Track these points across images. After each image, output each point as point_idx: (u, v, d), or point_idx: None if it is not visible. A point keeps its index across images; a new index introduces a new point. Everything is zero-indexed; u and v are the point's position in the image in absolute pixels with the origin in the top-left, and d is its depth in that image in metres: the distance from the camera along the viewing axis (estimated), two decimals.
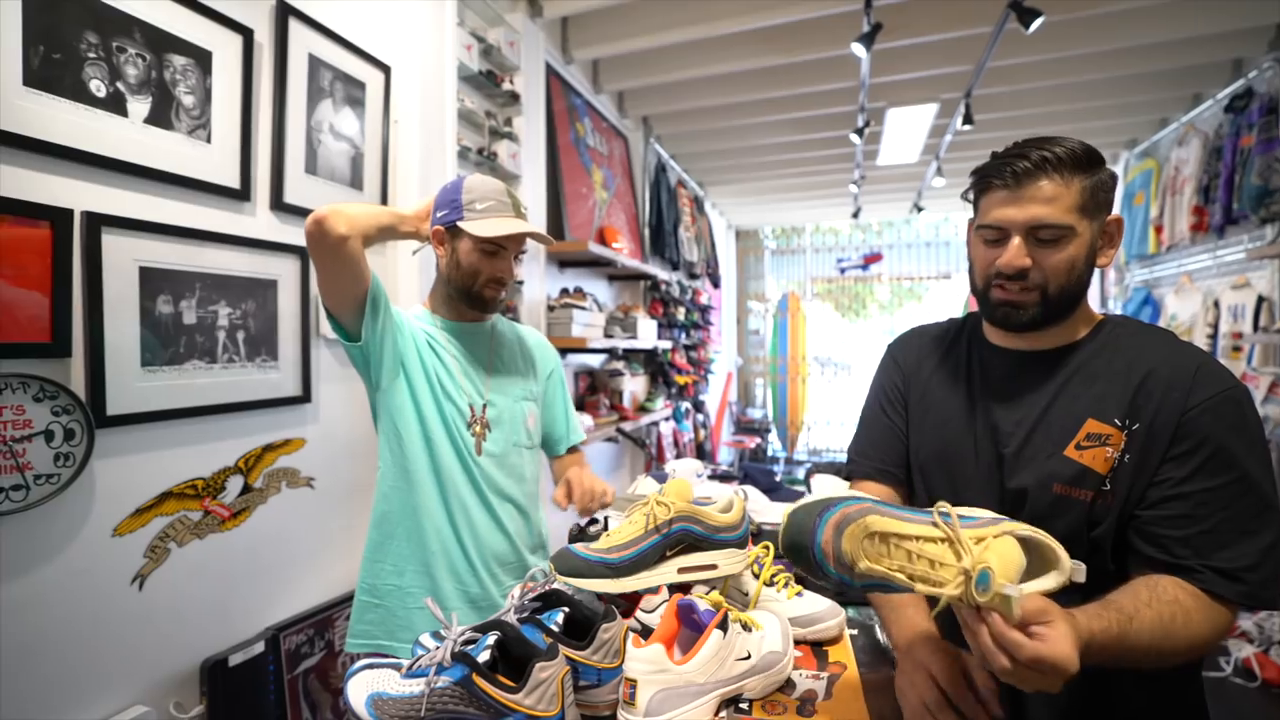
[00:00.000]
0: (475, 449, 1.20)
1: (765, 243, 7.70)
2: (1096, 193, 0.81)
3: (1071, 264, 0.82)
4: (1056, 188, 0.79)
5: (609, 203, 3.55)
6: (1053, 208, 0.79)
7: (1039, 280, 0.82)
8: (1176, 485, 0.77)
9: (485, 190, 1.17)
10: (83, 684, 1.20)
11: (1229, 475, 0.75)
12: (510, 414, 1.26)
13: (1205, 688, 0.88)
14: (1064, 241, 0.81)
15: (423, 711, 0.65)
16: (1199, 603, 0.73)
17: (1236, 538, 0.74)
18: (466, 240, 1.17)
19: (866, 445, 1.07)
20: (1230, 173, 3.22)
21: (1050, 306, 0.84)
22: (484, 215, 1.14)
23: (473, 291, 1.20)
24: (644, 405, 3.80)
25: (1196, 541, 0.75)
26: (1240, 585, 0.73)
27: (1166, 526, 0.76)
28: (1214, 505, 0.75)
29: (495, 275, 1.20)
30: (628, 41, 2.95)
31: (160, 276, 1.32)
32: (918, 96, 3.57)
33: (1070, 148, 0.80)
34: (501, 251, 1.18)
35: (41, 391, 1.11)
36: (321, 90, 1.71)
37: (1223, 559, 0.73)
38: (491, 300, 1.22)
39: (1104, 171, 0.83)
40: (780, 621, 0.87)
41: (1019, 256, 0.82)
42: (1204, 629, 0.72)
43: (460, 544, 1.20)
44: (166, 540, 1.35)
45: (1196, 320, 3.63)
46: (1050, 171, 0.79)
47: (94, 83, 1.20)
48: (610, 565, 0.86)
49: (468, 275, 1.19)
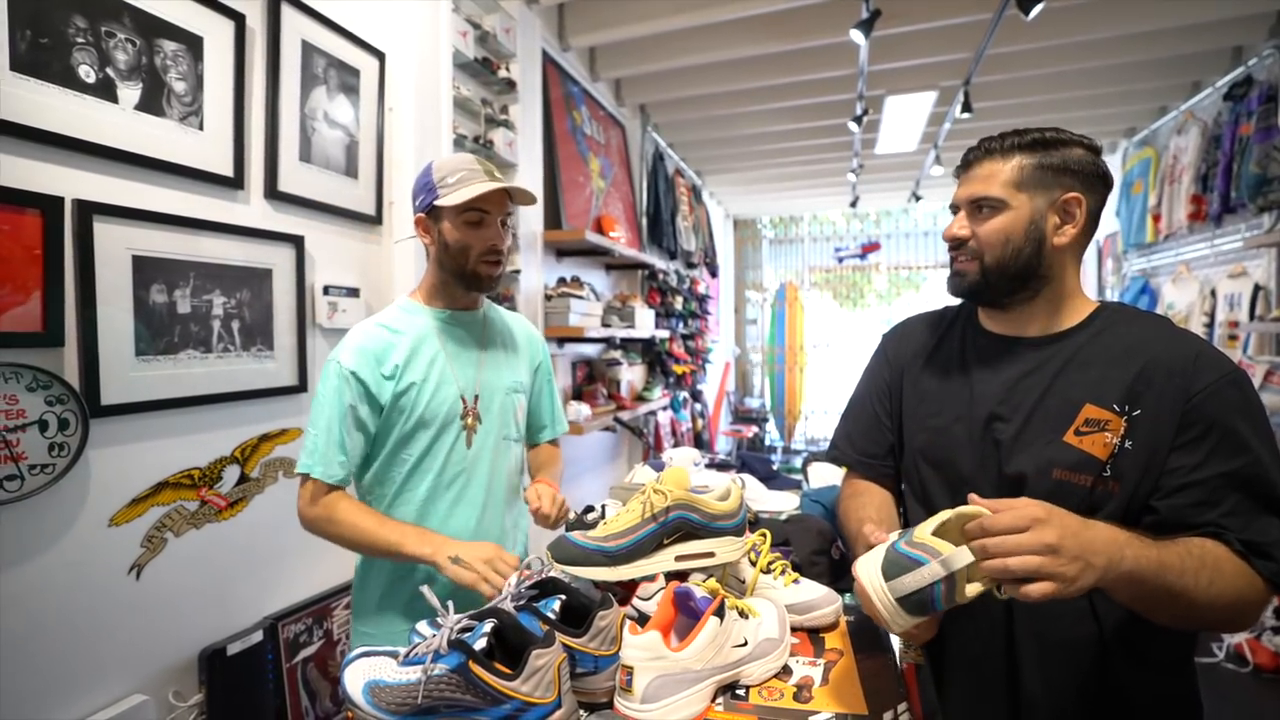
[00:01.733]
0: (466, 441, 1.18)
1: (763, 232, 7.67)
2: (1042, 171, 0.85)
3: (1004, 235, 0.87)
4: (993, 165, 0.88)
5: (606, 191, 3.53)
6: (987, 183, 0.88)
7: (976, 250, 0.90)
8: (1190, 473, 0.77)
9: (454, 164, 1.12)
10: (81, 674, 1.21)
11: (1242, 458, 0.75)
12: (500, 406, 1.23)
13: (1198, 673, 0.88)
14: (995, 213, 0.88)
15: (420, 699, 0.65)
16: (1235, 564, 0.73)
17: (1257, 516, 0.74)
18: (448, 217, 1.12)
19: (853, 434, 1.10)
20: (1229, 161, 3.21)
21: (989, 275, 0.89)
22: (457, 187, 1.09)
23: (468, 270, 1.14)
24: (641, 394, 3.80)
25: (1219, 524, 0.75)
26: (1272, 563, 0.73)
27: (1188, 514, 0.77)
28: (1230, 488, 0.75)
29: (486, 246, 1.14)
30: (625, 28, 2.92)
31: (153, 265, 1.31)
32: (916, 84, 3.55)
33: (1021, 133, 0.87)
34: (485, 218, 1.13)
35: (35, 381, 1.11)
36: (315, 77, 1.69)
37: (1250, 535, 0.74)
38: (489, 277, 1.16)
39: (1062, 152, 0.86)
40: (777, 609, 0.87)
41: (955, 227, 0.92)
42: (1237, 588, 0.72)
43: (443, 530, 1.15)
44: (163, 530, 1.34)
45: (1193, 309, 3.64)
46: (993, 154, 0.89)
47: (83, 68, 1.18)
48: (607, 553, 0.86)
49: (458, 253, 1.13)
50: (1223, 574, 0.72)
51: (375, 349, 1.11)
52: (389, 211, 1.96)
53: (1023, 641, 0.86)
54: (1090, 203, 0.86)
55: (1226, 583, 0.72)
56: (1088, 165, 0.86)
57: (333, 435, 1.07)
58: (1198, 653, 0.92)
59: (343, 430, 1.08)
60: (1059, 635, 0.84)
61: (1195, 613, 0.72)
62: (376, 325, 1.15)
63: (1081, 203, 0.86)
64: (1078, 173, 0.85)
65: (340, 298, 1.76)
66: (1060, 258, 0.88)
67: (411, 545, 1.04)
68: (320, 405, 1.09)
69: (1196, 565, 0.71)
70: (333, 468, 1.07)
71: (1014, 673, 0.87)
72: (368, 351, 1.10)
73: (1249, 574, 0.73)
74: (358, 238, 1.87)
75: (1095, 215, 0.88)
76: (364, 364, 1.09)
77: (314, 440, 1.08)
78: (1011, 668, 0.87)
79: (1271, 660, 2.41)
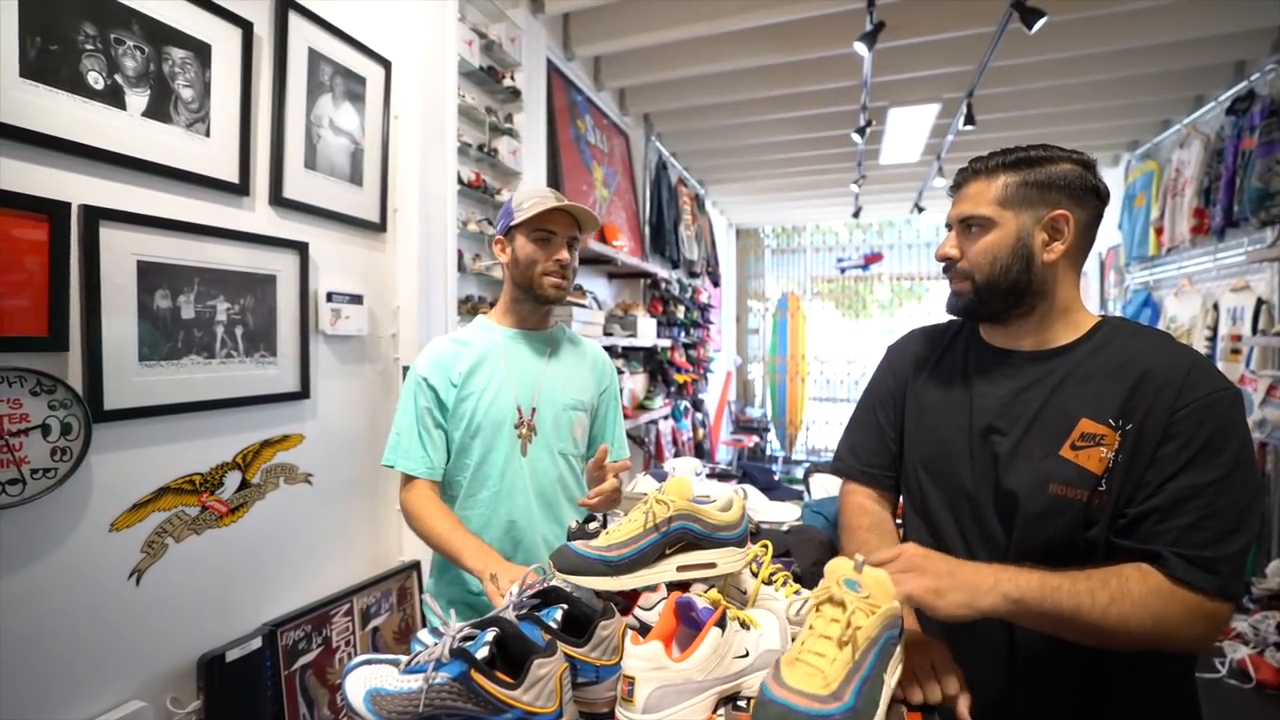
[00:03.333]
0: (521, 449, 1.25)
1: (765, 242, 7.69)
2: (1028, 188, 0.86)
3: (991, 254, 0.88)
4: (981, 185, 0.89)
5: (609, 200, 3.55)
6: (975, 202, 0.89)
7: (966, 270, 0.90)
8: (1163, 482, 0.77)
9: (531, 191, 1.26)
10: (79, 678, 1.20)
11: (1213, 474, 0.75)
12: (555, 419, 1.29)
13: (1200, 689, 0.88)
14: (982, 231, 0.88)
15: (421, 707, 0.64)
16: (1151, 587, 0.74)
17: (1214, 533, 0.75)
18: (521, 234, 1.25)
19: (856, 445, 1.09)
20: (1231, 175, 3.22)
21: (982, 293, 0.90)
22: (530, 209, 1.23)
23: (534, 284, 1.25)
24: (643, 403, 3.80)
25: (1175, 533, 0.75)
26: (1214, 577, 0.74)
27: (1149, 521, 0.77)
28: (1196, 501, 0.75)
29: (552, 261, 1.24)
30: (629, 38, 2.94)
31: (158, 271, 1.31)
32: (920, 96, 3.56)
33: (1008, 152, 0.88)
34: (553, 238, 1.25)
35: (39, 385, 1.11)
36: (321, 85, 1.70)
37: (1199, 551, 0.74)
38: (554, 287, 1.26)
39: (1048, 169, 0.86)
40: (779, 620, 0.86)
41: (946, 247, 0.93)
42: (1151, 609, 0.73)
43: (507, 539, 1.24)
44: (164, 536, 1.34)
45: (1196, 323, 3.63)
46: (980, 174, 0.90)
47: (91, 75, 1.19)
48: (609, 563, 0.85)
49: (527, 267, 1.25)
50: (1128, 596, 0.73)
51: (445, 359, 1.25)
52: (393, 219, 1.97)
53: (1021, 646, 0.86)
54: (1081, 217, 0.86)
55: (1132, 605, 0.73)
56: (1075, 180, 0.85)
57: (411, 432, 1.23)
58: (1199, 668, 0.91)
59: (420, 428, 1.23)
60: (1057, 646, 0.83)
61: (1107, 634, 0.74)
62: (450, 340, 1.29)
63: (1069, 219, 0.85)
64: (1065, 188, 0.85)
65: (344, 304, 1.76)
66: (1052, 273, 0.88)
67: (468, 558, 1.12)
68: (401, 407, 1.25)
69: (1092, 588, 0.73)
70: (414, 461, 1.22)
71: (1012, 683, 0.86)
72: (439, 361, 1.25)
73: (1173, 596, 0.74)
74: (362, 245, 1.88)
75: (1088, 229, 0.88)
76: (435, 372, 1.24)
77: (395, 438, 1.24)
78: (1010, 678, 0.87)
79: (1275, 676, 2.38)
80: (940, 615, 0.71)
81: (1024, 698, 0.86)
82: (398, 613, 1.91)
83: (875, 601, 0.65)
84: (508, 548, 1.23)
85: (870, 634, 0.63)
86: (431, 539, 1.18)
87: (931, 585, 0.72)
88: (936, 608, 0.71)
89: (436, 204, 2.04)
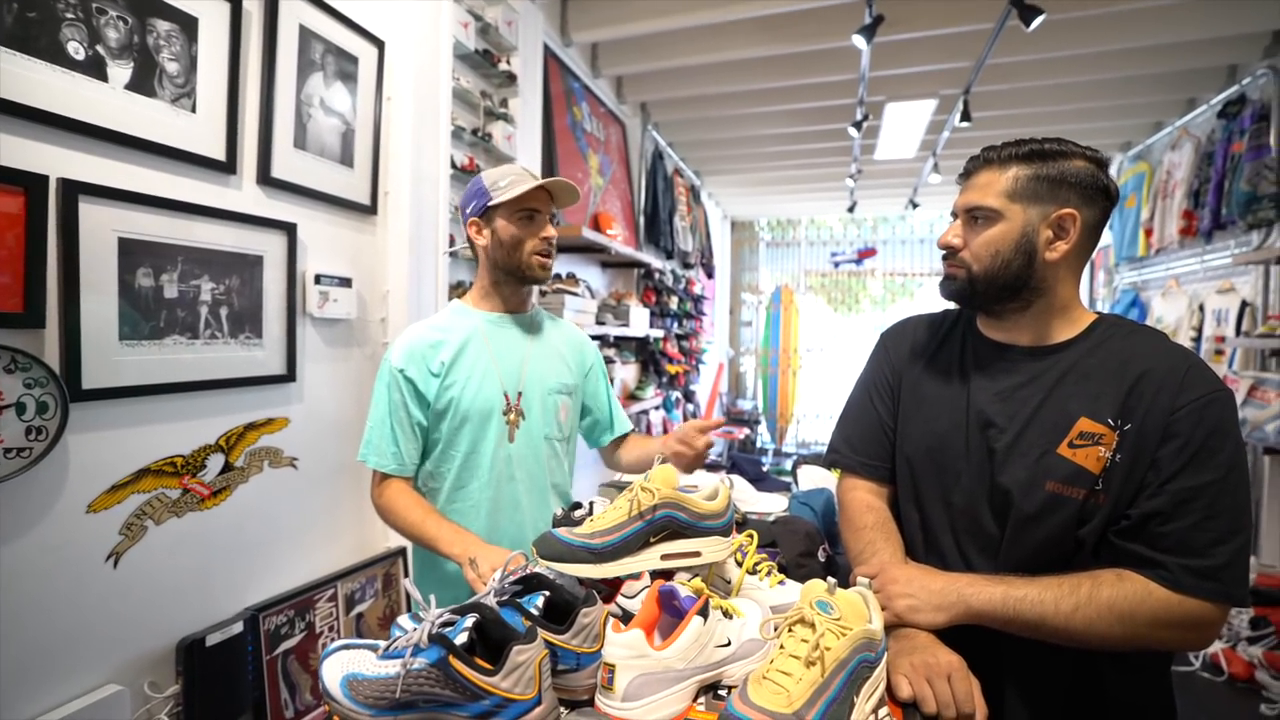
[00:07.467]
0: (509, 436, 1.23)
1: (760, 234, 7.68)
2: (1038, 182, 0.85)
3: (993, 248, 0.87)
4: (992, 175, 0.88)
5: (604, 189, 3.52)
6: (983, 192, 0.88)
7: (966, 259, 0.90)
8: (1162, 482, 0.77)
9: (504, 171, 1.22)
10: (55, 662, 1.18)
11: (1212, 474, 0.76)
12: (543, 405, 1.27)
13: (1174, 681, 0.89)
14: (988, 223, 0.88)
15: (398, 693, 0.64)
16: (1122, 593, 0.76)
17: (1212, 537, 0.75)
18: (501, 215, 1.21)
19: (852, 436, 1.07)
20: (1220, 178, 3.25)
21: (976, 284, 0.89)
22: (509, 188, 1.19)
23: (522, 264, 1.22)
24: (634, 393, 3.79)
25: (1173, 538, 0.76)
26: (1215, 583, 0.74)
27: (1154, 522, 0.77)
28: (1194, 504, 0.76)
29: (539, 239, 1.22)
30: (628, 25, 2.92)
31: (140, 248, 1.29)
32: (917, 91, 3.56)
33: (1022, 143, 0.87)
34: (537, 216, 1.22)
35: (13, 363, 1.08)
36: (312, 63, 1.67)
37: (1198, 557, 0.75)
38: (541, 267, 1.24)
39: (1061, 164, 0.84)
40: (762, 610, 0.86)
41: (949, 235, 0.93)
42: (1119, 613, 0.75)
43: (496, 528, 1.22)
44: (143, 518, 1.32)
45: (1182, 323, 3.67)
46: (991, 163, 0.88)
47: (71, 45, 1.16)
48: (593, 550, 0.85)
49: (512, 248, 1.21)
50: (1095, 602, 0.75)
51: (423, 349, 1.20)
52: (384, 202, 1.95)
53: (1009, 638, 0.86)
54: (1088, 217, 0.85)
55: (1098, 611, 0.75)
56: (1087, 178, 0.84)
57: (385, 428, 1.18)
58: (1174, 661, 0.94)
59: (394, 423, 1.18)
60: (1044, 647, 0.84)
61: (1077, 639, 0.77)
62: (427, 327, 1.24)
63: (1076, 219, 0.84)
64: (1075, 185, 0.84)
65: (332, 287, 1.74)
66: (1054, 271, 0.87)
67: (445, 543, 1.10)
68: (375, 401, 1.21)
69: (1059, 595, 0.77)
70: (385, 458, 1.18)
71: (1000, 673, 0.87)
72: (416, 352, 1.20)
73: (1154, 601, 0.75)
74: (351, 227, 1.85)
75: (1094, 230, 0.87)
76: (412, 363, 1.19)
77: (369, 432, 1.20)
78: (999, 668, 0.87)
79: (1246, 670, 2.44)
80: (919, 628, 0.79)
81: (1008, 684, 0.86)
82: (383, 599, 1.90)
83: (846, 624, 0.65)
84: (496, 537, 1.21)
85: (840, 656, 0.62)
86: (406, 529, 1.16)
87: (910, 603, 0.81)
88: (916, 623, 0.80)
89: (429, 187, 2.01)
